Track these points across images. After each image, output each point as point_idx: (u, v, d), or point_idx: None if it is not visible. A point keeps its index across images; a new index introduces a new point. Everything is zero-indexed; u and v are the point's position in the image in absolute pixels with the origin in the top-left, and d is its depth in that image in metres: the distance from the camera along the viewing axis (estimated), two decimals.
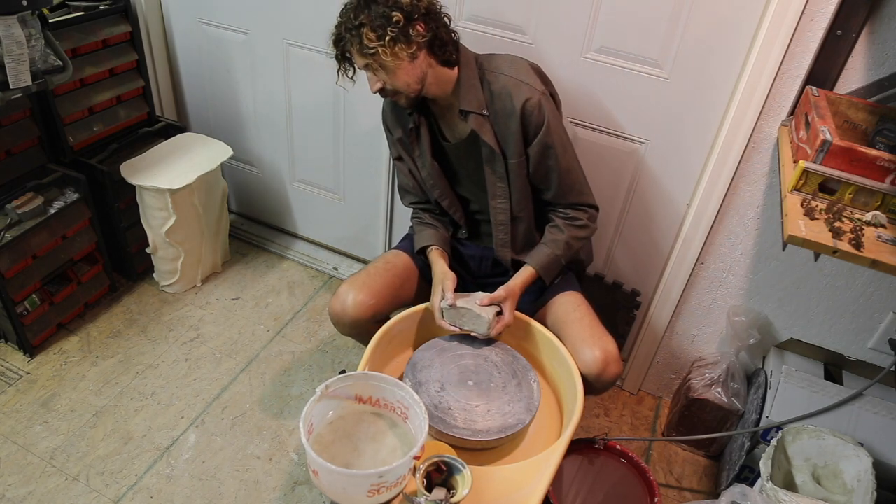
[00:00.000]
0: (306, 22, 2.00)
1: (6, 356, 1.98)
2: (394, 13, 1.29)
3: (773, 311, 1.76)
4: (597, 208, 1.56)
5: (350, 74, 1.43)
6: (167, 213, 2.04)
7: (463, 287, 1.55)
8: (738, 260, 1.74)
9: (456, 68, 1.43)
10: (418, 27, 1.32)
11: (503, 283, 1.50)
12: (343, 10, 1.36)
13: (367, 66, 1.36)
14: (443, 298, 1.46)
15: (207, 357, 2.04)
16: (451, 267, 1.60)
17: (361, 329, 1.52)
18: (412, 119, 1.51)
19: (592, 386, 1.43)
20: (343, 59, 1.40)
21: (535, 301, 1.61)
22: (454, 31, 1.42)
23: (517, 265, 1.57)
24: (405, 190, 1.69)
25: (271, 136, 2.33)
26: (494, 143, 1.44)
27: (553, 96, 1.50)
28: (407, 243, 1.69)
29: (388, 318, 1.52)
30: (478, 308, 1.44)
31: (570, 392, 1.40)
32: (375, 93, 1.41)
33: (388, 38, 1.29)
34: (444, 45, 1.38)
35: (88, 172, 2.00)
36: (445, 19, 1.40)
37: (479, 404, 1.36)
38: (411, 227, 1.71)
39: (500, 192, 1.50)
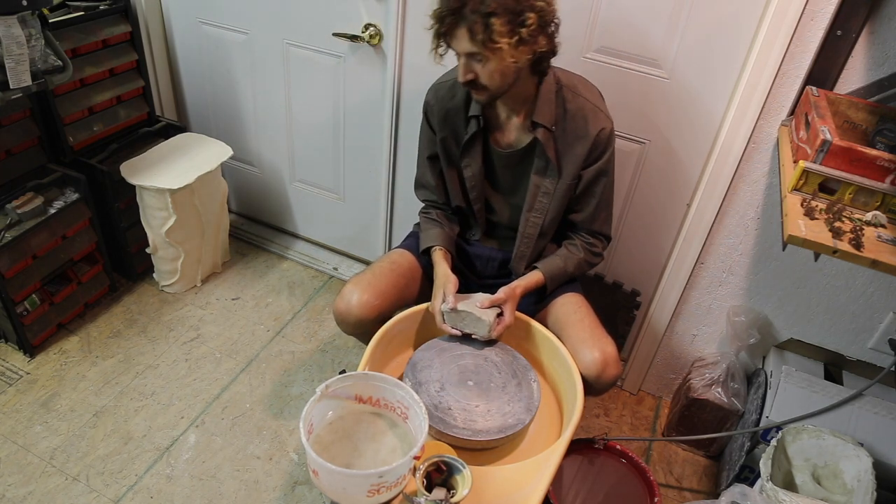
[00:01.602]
0: (306, 22, 2.00)
1: (6, 356, 1.98)
2: (529, 15, 1.21)
3: (773, 311, 1.76)
4: (610, 239, 1.61)
5: (441, 51, 1.32)
6: (167, 213, 2.04)
7: (466, 287, 1.55)
8: (738, 260, 1.74)
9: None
10: (542, 39, 1.26)
11: (507, 284, 1.49)
12: None
13: (472, 55, 1.27)
14: (444, 301, 1.46)
15: (207, 357, 2.04)
16: (456, 266, 1.60)
17: (366, 329, 1.52)
18: (475, 124, 1.46)
19: (592, 387, 1.43)
20: (441, 35, 1.28)
21: (536, 302, 1.61)
22: (559, 44, 1.35)
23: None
24: (423, 186, 1.66)
25: (271, 136, 2.33)
26: (555, 158, 1.44)
27: None
28: (411, 242, 1.68)
29: (390, 318, 1.52)
30: (478, 311, 1.44)
31: (570, 392, 1.40)
32: (464, 81, 1.32)
33: (516, 38, 1.22)
34: (548, 59, 1.33)
35: (88, 172, 2.00)
36: (557, 28, 1.33)
37: (479, 404, 1.36)
38: (416, 224, 1.71)
39: (539, 206, 1.51)
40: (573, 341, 1.46)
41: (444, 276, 1.51)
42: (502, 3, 1.20)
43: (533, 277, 1.53)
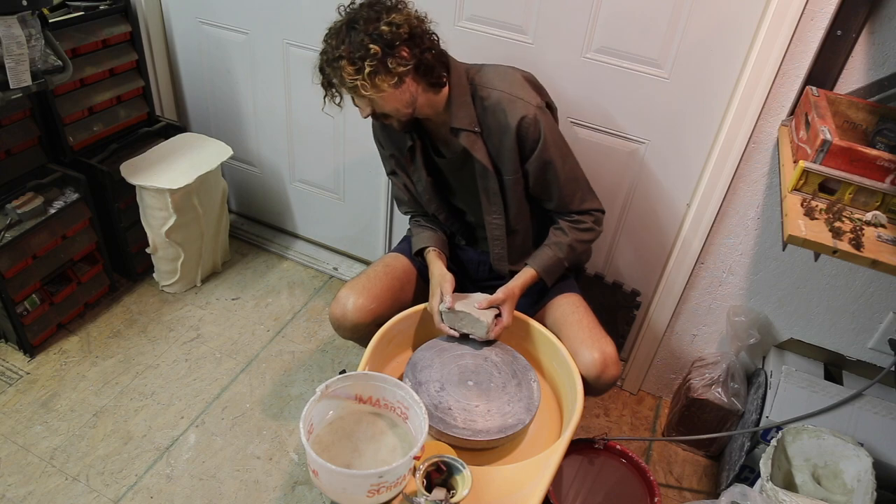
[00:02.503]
0: (306, 22, 2.00)
1: (6, 356, 1.98)
2: (371, 46, 1.24)
3: (773, 311, 1.76)
4: (602, 211, 1.55)
5: (337, 101, 1.38)
6: (167, 213, 2.04)
7: (462, 289, 1.55)
8: (738, 260, 1.74)
9: (447, 87, 1.39)
10: (402, 53, 1.26)
11: (502, 286, 1.49)
12: (326, 35, 1.32)
13: (353, 96, 1.34)
14: (442, 301, 1.46)
15: (207, 357, 2.04)
16: (450, 269, 1.60)
17: (362, 333, 1.52)
18: (408, 138, 1.48)
19: (591, 387, 1.43)
20: (329, 85, 1.36)
21: (534, 303, 1.61)
22: (443, 52, 1.37)
23: (515, 273, 1.56)
24: (401, 201, 1.68)
25: (271, 136, 2.33)
26: (487, 159, 1.42)
27: (549, 106, 1.47)
28: (406, 245, 1.69)
29: (387, 320, 1.52)
30: (476, 312, 1.44)
31: (570, 392, 1.40)
32: (366, 118, 1.38)
33: (367, 72, 1.24)
34: (430, 69, 1.33)
35: (88, 172, 2.00)
36: (432, 39, 1.34)
37: (479, 404, 1.36)
38: (409, 229, 1.71)
39: (494, 207, 1.49)
40: (572, 342, 1.46)
41: (441, 275, 1.51)
42: (349, 43, 1.25)
43: (527, 274, 1.52)
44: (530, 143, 1.38)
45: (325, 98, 1.39)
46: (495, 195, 1.47)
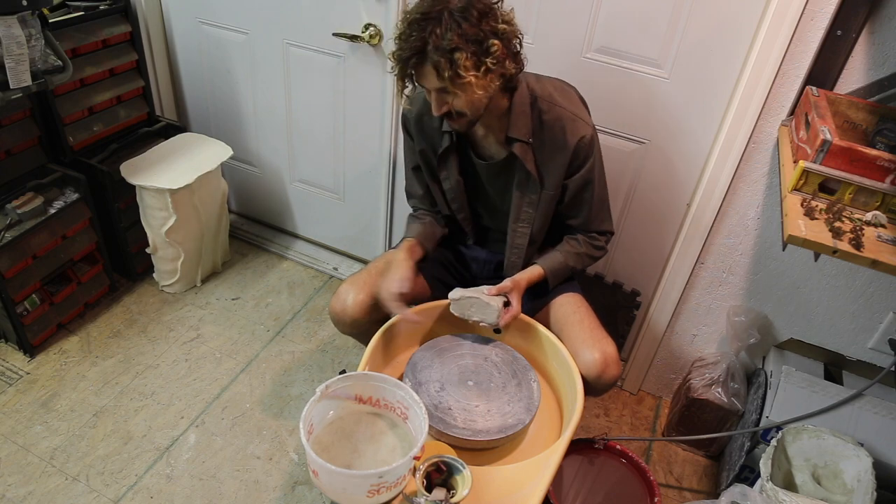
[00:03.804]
0: (306, 22, 2.00)
1: (6, 356, 1.98)
2: (492, 42, 1.19)
3: (773, 311, 1.76)
4: (613, 233, 1.59)
5: (407, 92, 1.32)
6: (167, 213, 2.04)
7: (463, 285, 1.55)
8: (738, 260, 1.74)
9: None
10: (508, 62, 1.24)
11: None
12: (412, 21, 1.21)
13: (442, 90, 1.26)
14: (401, 305, 1.43)
15: (207, 357, 2.04)
16: (454, 267, 1.59)
17: (362, 329, 1.52)
18: (448, 137, 1.45)
19: (592, 387, 1.43)
20: (405, 76, 1.26)
21: (534, 298, 1.61)
22: (525, 57, 1.34)
23: None
24: (412, 196, 1.67)
25: (271, 136, 2.33)
26: (535, 171, 1.43)
27: None
28: None
29: (387, 318, 1.52)
30: (486, 297, 1.43)
31: (570, 392, 1.40)
32: (440, 115, 1.31)
33: (483, 69, 1.20)
34: (513, 74, 1.30)
35: (88, 172, 2.00)
36: (521, 41, 1.30)
37: (479, 404, 1.36)
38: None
39: (525, 216, 1.50)
40: (573, 342, 1.46)
41: (399, 264, 1.45)
42: (464, 36, 1.18)
43: (534, 271, 1.53)
44: (580, 160, 1.41)
45: (400, 91, 1.31)
46: (530, 205, 1.48)
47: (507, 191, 1.50)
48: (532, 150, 1.42)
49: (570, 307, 1.53)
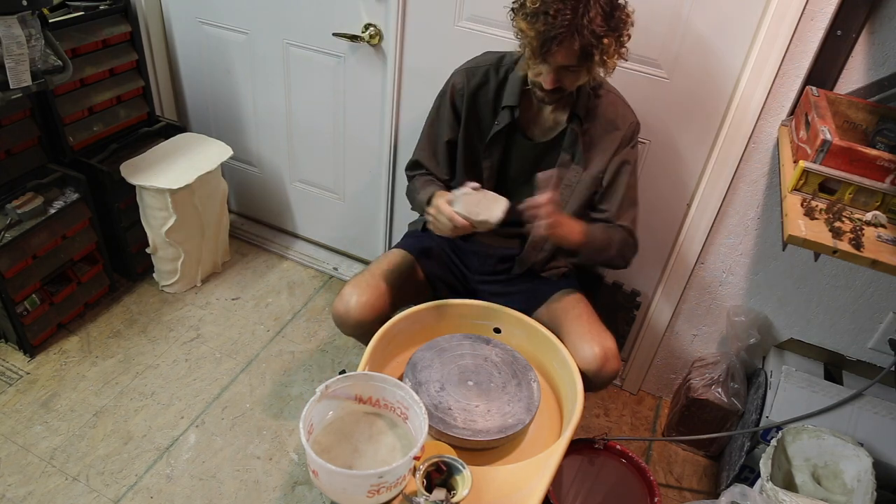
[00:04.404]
0: (306, 22, 2.00)
1: (6, 356, 1.98)
2: (626, 33, 1.26)
3: (773, 311, 1.76)
4: (637, 248, 1.55)
5: (534, 69, 1.33)
6: (167, 213, 2.04)
7: (463, 285, 1.55)
8: (738, 260, 1.74)
9: None
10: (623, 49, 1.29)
11: (502, 282, 1.48)
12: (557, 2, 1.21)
13: (568, 68, 1.28)
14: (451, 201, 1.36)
15: (207, 357, 2.04)
16: (451, 262, 1.57)
17: (365, 330, 1.51)
18: (508, 115, 1.45)
19: (591, 382, 1.43)
20: (541, 49, 1.25)
21: (534, 300, 1.61)
22: None
23: (529, 274, 1.54)
24: (420, 165, 1.61)
25: (271, 136, 2.33)
26: (583, 150, 1.45)
27: None
28: (407, 241, 1.68)
29: (388, 318, 1.52)
30: (494, 194, 1.36)
31: (570, 392, 1.39)
32: (551, 89, 1.32)
33: (618, 57, 1.27)
34: None
35: (88, 172, 2.00)
36: None
37: (479, 404, 1.36)
38: (411, 223, 1.70)
39: (560, 198, 1.47)
40: (572, 337, 1.46)
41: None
42: (610, 23, 1.23)
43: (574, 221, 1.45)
44: (625, 141, 1.46)
45: (529, 68, 1.32)
46: (567, 187, 1.48)
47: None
48: (587, 129, 1.44)
49: (568, 303, 1.53)
